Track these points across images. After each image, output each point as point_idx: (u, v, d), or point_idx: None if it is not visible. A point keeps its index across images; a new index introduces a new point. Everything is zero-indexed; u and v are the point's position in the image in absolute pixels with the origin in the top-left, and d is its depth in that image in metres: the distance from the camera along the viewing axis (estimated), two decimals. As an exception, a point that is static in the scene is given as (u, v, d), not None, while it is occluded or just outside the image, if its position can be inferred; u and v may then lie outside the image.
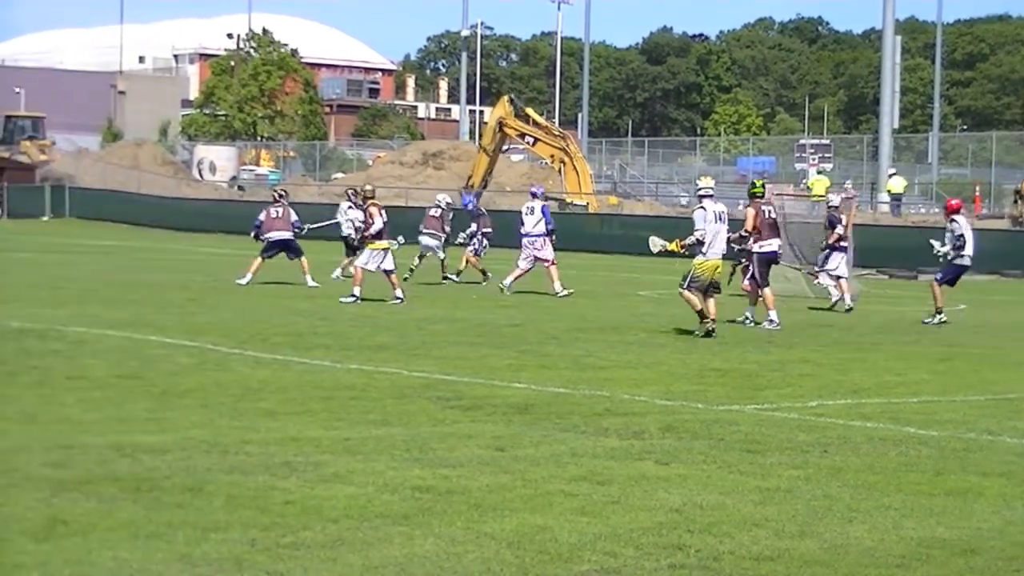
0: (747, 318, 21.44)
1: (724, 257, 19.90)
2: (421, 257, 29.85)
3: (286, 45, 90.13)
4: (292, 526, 7.58)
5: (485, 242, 30.01)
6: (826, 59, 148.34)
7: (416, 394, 12.68)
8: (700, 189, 20.22)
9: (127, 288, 24.94)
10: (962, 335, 21.25)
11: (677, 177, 76.67)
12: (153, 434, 10.14)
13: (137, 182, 66.29)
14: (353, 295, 23.23)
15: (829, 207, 26.83)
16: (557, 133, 57.74)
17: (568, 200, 53.92)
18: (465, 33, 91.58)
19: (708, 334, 19.01)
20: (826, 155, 66.48)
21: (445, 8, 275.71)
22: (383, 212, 23.97)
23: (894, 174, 55.23)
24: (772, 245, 21.77)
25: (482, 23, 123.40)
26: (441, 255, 29.72)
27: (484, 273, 29.39)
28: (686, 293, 19.31)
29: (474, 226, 30.05)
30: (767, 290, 21.38)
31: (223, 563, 6.85)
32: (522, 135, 56.72)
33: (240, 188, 72.37)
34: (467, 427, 11.00)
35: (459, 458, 9.65)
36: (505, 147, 60.26)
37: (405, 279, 26.73)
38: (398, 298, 23.34)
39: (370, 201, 24.15)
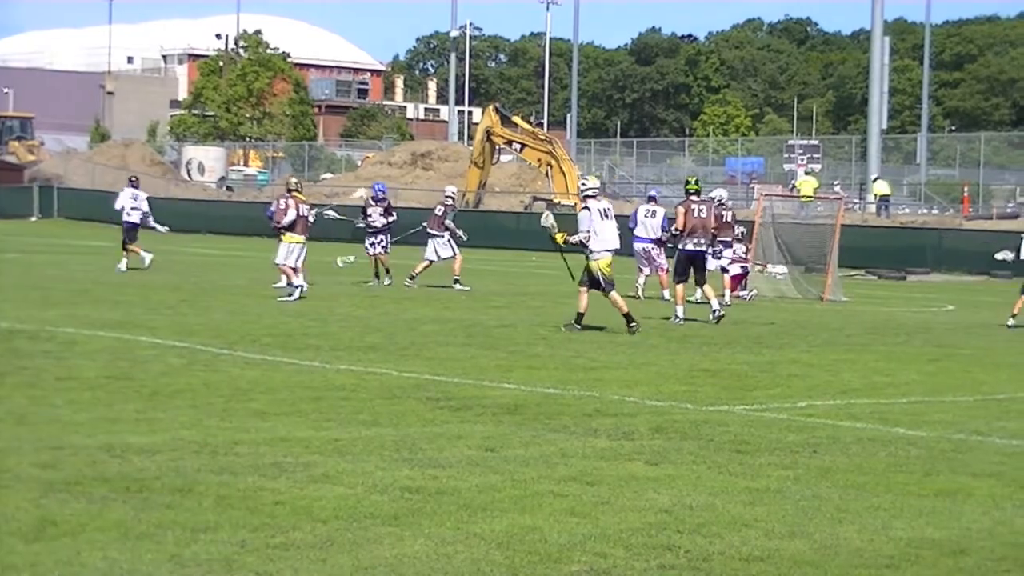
0: (715, 312, 21.43)
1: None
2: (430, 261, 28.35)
3: (277, 48, 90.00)
4: (282, 527, 7.57)
5: (385, 240, 28.44)
6: (815, 60, 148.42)
7: (406, 395, 12.67)
8: (586, 190, 19.94)
9: (117, 288, 24.89)
10: (952, 336, 21.30)
11: (666, 178, 76.66)
12: (143, 435, 10.13)
13: (126, 182, 66.00)
14: (298, 288, 23.36)
15: (718, 203, 25.96)
16: (543, 138, 58.01)
17: (556, 200, 54.03)
18: (454, 34, 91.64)
19: (574, 326, 19.18)
20: (815, 156, 66.65)
21: (434, 9, 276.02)
22: (301, 207, 23.99)
23: (877, 178, 55.29)
24: (698, 244, 21.62)
25: (471, 24, 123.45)
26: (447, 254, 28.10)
27: (377, 275, 28.44)
28: (613, 295, 19.36)
29: (389, 219, 28.46)
30: (680, 286, 21.51)
31: (213, 564, 6.85)
32: (509, 142, 56.98)
33: (228, 188, 72.36)
34: (456, 428, 11.00)
35: (448, 458, 9.65)
36: (495, 158, 60.11)
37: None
38: (286, 296, 23.37)
39: (292, 193, 24.42)
